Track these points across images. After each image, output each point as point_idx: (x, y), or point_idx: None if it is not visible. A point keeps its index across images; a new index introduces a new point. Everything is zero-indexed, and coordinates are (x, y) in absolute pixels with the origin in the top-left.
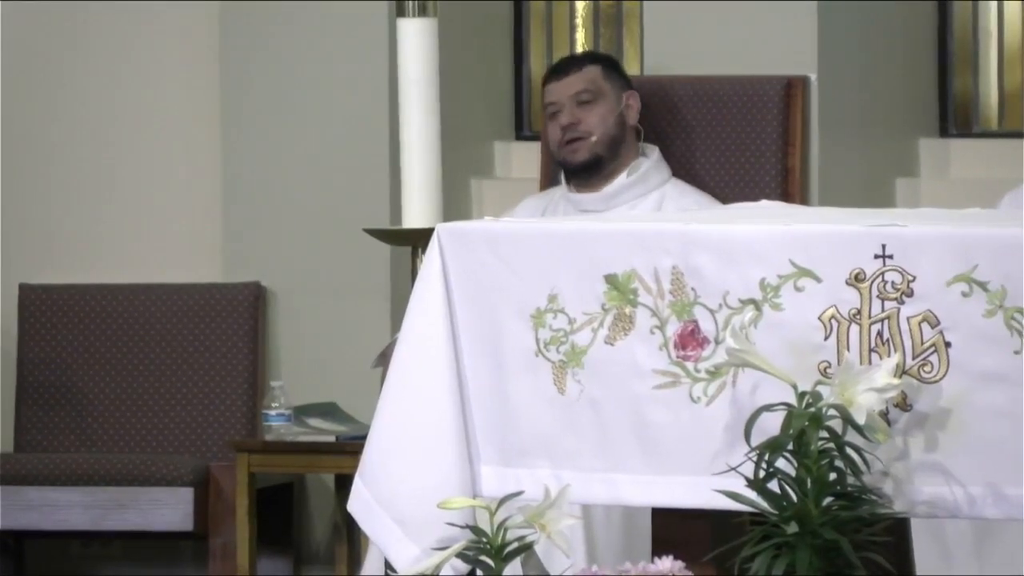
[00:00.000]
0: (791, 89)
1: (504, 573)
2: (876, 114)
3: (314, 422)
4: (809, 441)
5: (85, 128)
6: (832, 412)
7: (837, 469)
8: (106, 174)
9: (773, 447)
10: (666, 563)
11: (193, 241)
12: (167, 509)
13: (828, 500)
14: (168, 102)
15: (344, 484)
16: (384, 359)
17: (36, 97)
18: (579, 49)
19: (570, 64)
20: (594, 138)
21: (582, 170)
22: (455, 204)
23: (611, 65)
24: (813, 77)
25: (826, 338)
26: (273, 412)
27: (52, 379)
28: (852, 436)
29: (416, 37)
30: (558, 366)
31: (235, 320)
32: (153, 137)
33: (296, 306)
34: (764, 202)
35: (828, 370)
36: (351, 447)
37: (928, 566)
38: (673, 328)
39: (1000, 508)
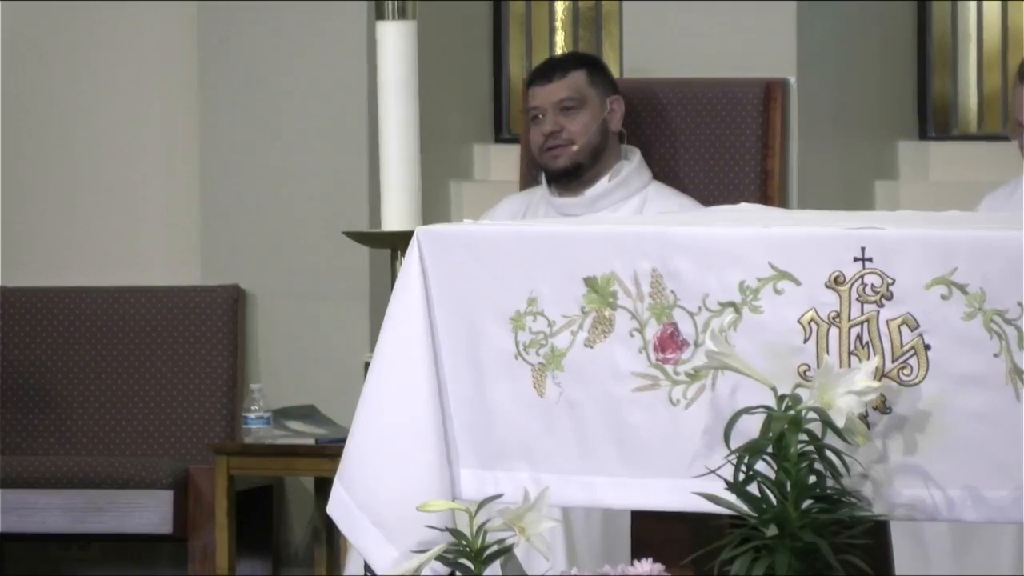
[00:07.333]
0: (770, 92)
1: None
2: (855, 117)
3: (293, 425)
4: (788, 444)
5: (64, 131)
6: (811, 415)
7: (816, 472)
8: (85, 177)
9: (752, 450)
10: (646, 566)
11: (172, 244)
12: (146, 512)
13: (807, 503)
14: (146, 104)
15: (323, 487)
16: None
17: (13, 101)
18: (558, 51)
19: (555, 68)
20: (575, 147)
21: (562, 176)
22: (434, 207)
23: (597, 69)
24: (792, 80)
25: (805, 341)
26: (252, 415)
27: (32, 382)
28: (831, 439)
29: (395, 39)
30: (537, 368)
31: (214, 323)
32: (132, 140)
33: (275, 309)
34: (743, 205)
35: (807, 373)
36: (330, 450)
37: (907, 568)
38: (652, 331)
39: (979, 511)
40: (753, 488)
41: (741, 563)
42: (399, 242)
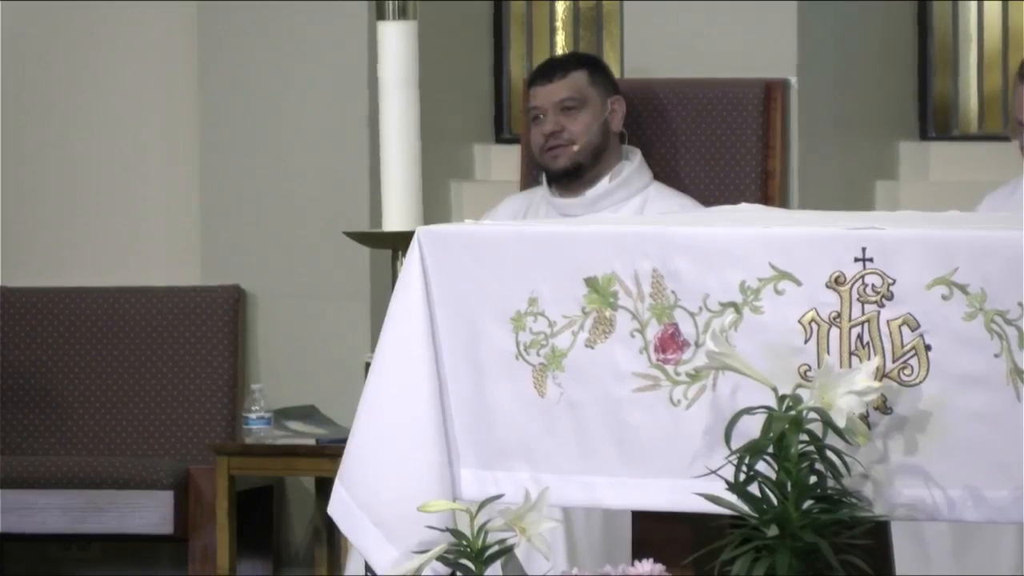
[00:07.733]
0: (771, 92)
1: None
2: (855, 117)
3: (294, 425)
4: (789, 444)
5: (64, 132)
6: (812, 415)
7: (817, 472)
8: (86, 178)
9: (753, 450)
10: (646, 566)
11: (172, 244)
12: (146, 512)
13: (808, 503)
14: (147, 105)
15: (324, 487)
16: None
17: (13, 101)
18: (559, 51)
19: (556, 68)
20: (576, 147)
21: (563, 176)
22: (435, 207)
23: (598, 69)
24: (793, 80)
25: (806, 341)
26: (253, 415)
27: (32, 382)
28: (832, 439)
29: (396, 39)
30: (538, 369)
31: (215, 323)
32: (132, 141)
33: (276, 309)
34: (744, 205)
35: (808, 373)
36: (331, 450)
37: (907, 568)
38: (653, 331)
39: (980, 511)
40: (754, 488)
41: (742, 563)
42: (400, 242)
